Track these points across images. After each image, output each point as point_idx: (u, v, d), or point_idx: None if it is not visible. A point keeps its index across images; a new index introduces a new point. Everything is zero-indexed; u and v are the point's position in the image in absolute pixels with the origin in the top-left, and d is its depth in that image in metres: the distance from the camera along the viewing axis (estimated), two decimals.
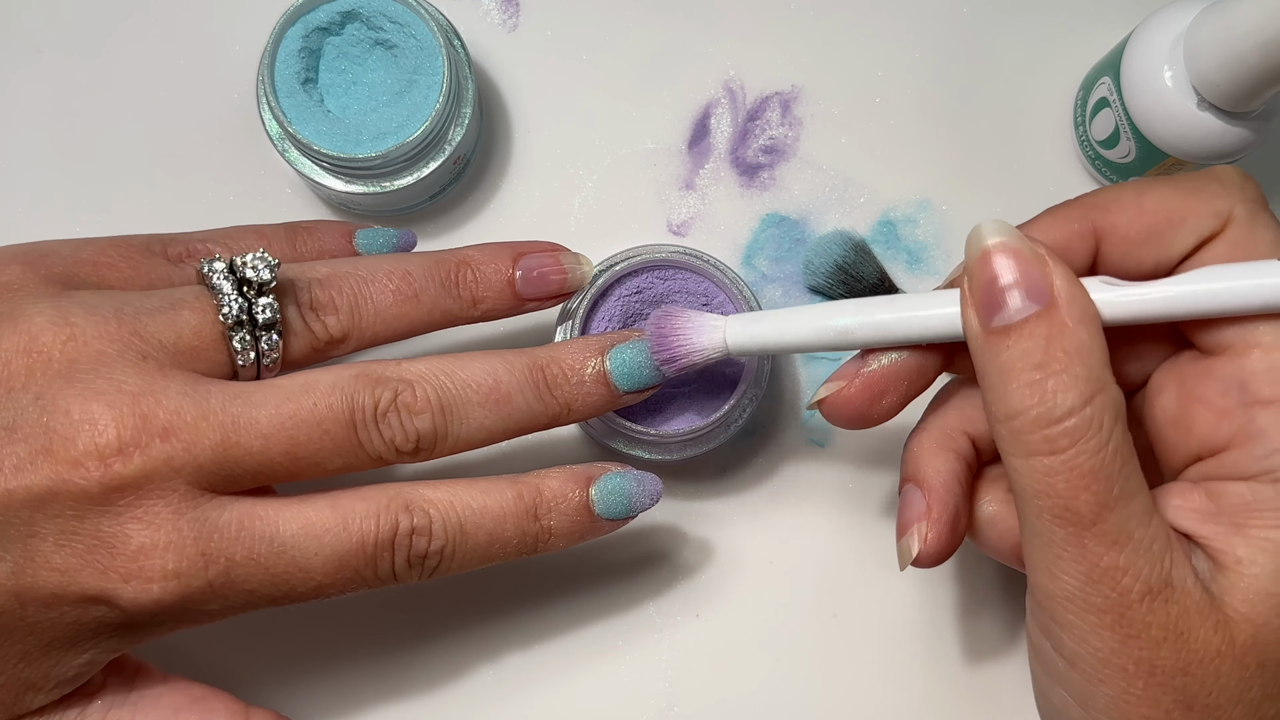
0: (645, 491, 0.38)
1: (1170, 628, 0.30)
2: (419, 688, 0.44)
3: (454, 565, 0.36)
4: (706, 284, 0.42)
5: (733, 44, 0.47)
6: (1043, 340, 0.30)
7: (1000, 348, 0.30)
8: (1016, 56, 0.47)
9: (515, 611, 0.45)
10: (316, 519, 0.34)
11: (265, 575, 0.33)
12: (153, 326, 0.33)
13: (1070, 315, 0.30)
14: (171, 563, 0.32)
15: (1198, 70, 0.40)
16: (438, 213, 0.46)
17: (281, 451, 0.33)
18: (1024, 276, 0.31)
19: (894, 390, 0.35)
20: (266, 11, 0.43)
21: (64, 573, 0.31)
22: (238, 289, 0.34)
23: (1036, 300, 0.30)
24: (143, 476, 0.32)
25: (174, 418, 0.32)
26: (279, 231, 0.39)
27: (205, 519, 0.32)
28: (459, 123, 0.43)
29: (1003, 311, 0.30)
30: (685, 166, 0.47)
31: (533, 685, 0.44)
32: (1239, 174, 0.33)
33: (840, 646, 0.45)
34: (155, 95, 0.46)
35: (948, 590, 0.45)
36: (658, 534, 0.45)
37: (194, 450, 0.32)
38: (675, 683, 0.45)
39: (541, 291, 0.38)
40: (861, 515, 0.45)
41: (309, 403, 0.33)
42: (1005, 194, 0.47)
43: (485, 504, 0.36)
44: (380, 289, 0.36)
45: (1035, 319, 0.30)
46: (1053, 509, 0.30)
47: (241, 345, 0.34)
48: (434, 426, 0.35)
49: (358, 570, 0.34)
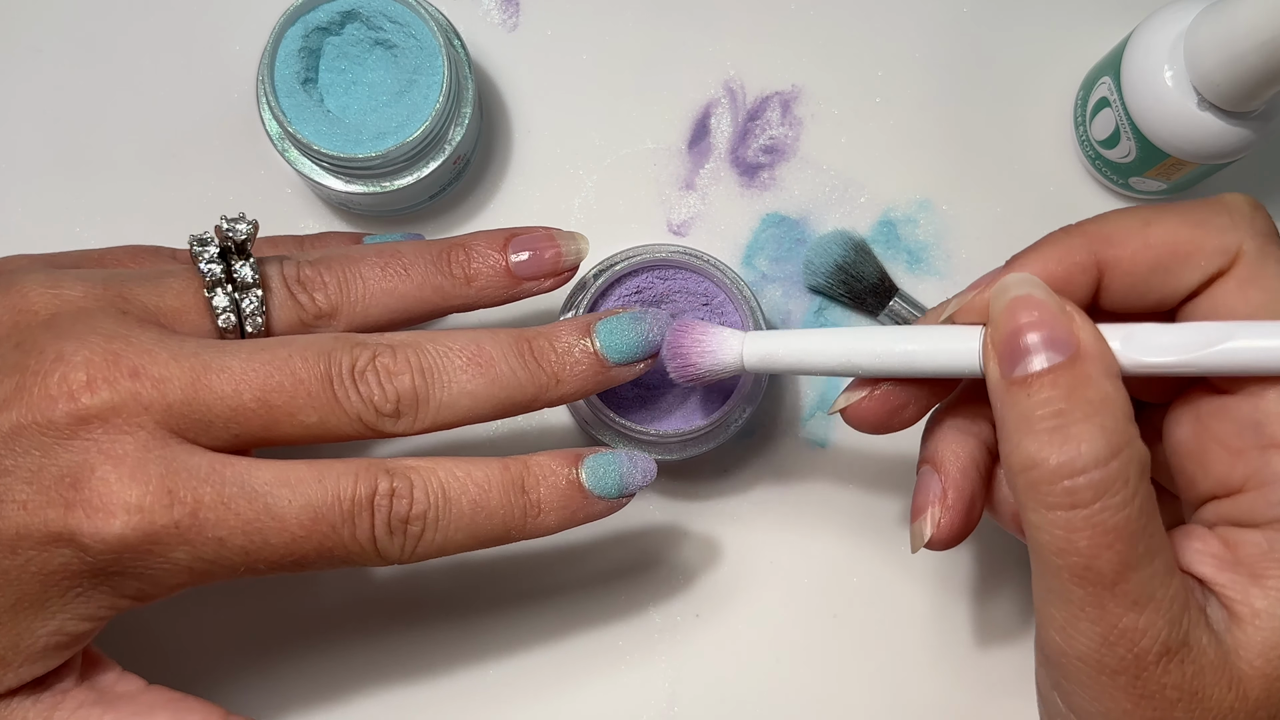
0: (637, 469, 0.37)
1: (1185, 688, 0.29)
2: (419, 687, 0.44)
3: (439, 535, 0.35)
4: (706, 284, 0.42)
5: (733, 44, 0.47)
6: (1065, 390, 0.29)
7: (1020, 396, 0.29)
8: (1016, 56, 0.47)
9: (515, 612, 0.45)
10: (292, 471, 0.33)
11: (236, 520, 0.32)
12: (138, 290, 0.34)
13: (1094, 368, 0.29)
14: (135, 495, 0.31)
15: (1198, 70, 0.40)
16: (438, 213, 0.46)
17: (254, 398, 0.33)
18: (1048, 328, 0.30)
19: (913, 402, 0.35)
20: (266, 11, 0.43)
21: (28, 508, 0.31)
22: (220, 255, 0.35)
23: (1060, 352, 0.29)
24: (109, 409, 0.32)
25: (144, 357, 0.32)
26: (288, 242, 0.40)
27: (174, 458, 0.32)
28: (459, 123, 0.43)
29: (1025, 361, 0.30)
30: (685, 166, 0.47)
31: (533, 686, 0.44)
32: (1249, 205, 0.32)
33: (840, 646, 0.45)
34: (155, 95, 0.46)
35: (948, 590, 0.45)
36: (658, 534, 0.45)
37: (163, 388, 0.32)
38: (675, 683, 0.45)
39: (536, 270, 0.38)
40: (862, 515, 0.45)
41: (284, 354, 0.33)
42: (1005, 194, 0.47)
43: (469, 470, 0.35)
44: (369, 265, 0.36)
45: (1059, 369, 0.29)
46: (1073, 568, 0.29)
47: (221, 306, 0.34)
48: (414, 386, 0.34)
49: (334, 527, 0.33)
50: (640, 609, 0.45)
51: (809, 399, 0.46)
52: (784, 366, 0.36)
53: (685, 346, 0.36)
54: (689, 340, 0.36)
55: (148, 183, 0.46)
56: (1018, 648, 0.45)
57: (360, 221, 0.46)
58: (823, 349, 0.35)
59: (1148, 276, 0.32)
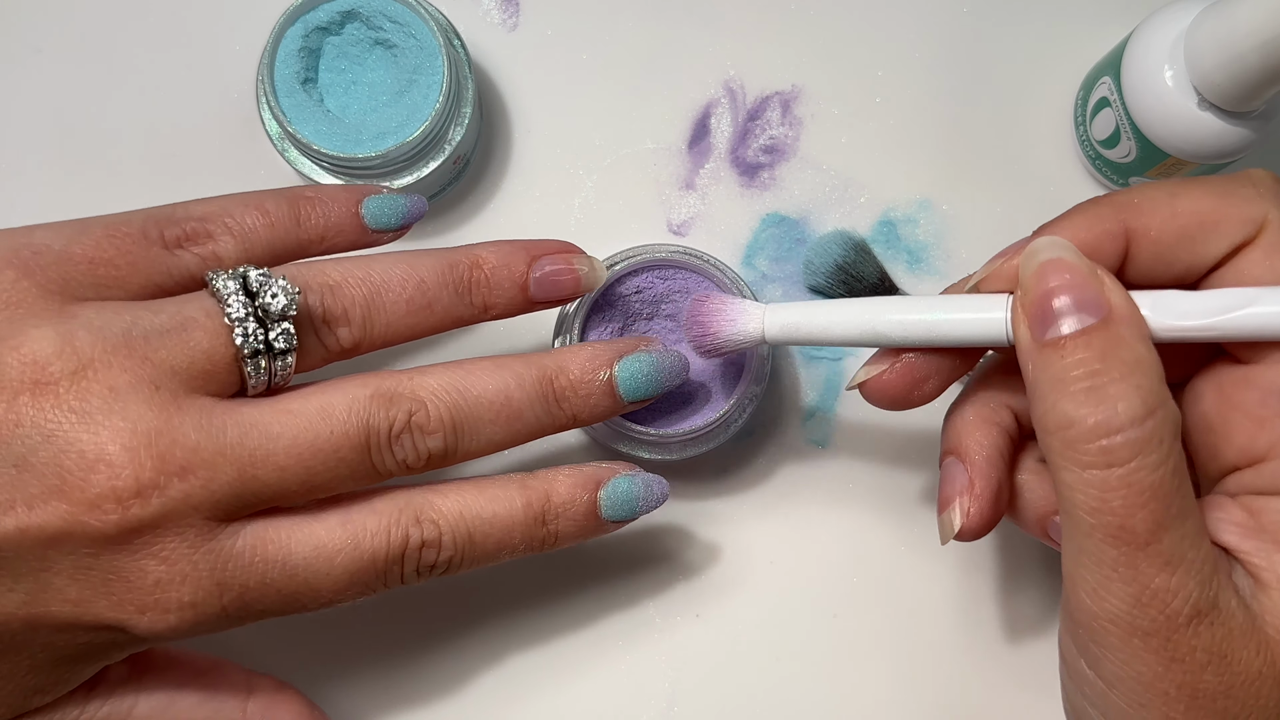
0: (651, 495, 0.38)
1: (1214, 651, 0.29)
2: (418, 688, 0.44)
3: (461, 570, 0.36)
4: (707, 284, 0.42)
5: (733, 44, 0.47)
6: (1100, 350, 0.29)
7: (1054, 358, 0.30)
8: (1016, 56, 0.47)
9: (514, 612, 0.45)
10: (328, 539, 0.34)
11: (277, 597, 0.33)
12: (164, 351, 0.32)
13: (1127, 330, 0.30)
14: (188, 594, 0.32)
15: (1198, 70, 0.40)
16: (438, 213, 0.46)
17: (298, 480, 0.33)
18: (1080, 291, 0.30)
19: (935, 375, 0.35)
20: (266, 11, 0.43)
21: (78, 604, 0.32)
22: (254, 316, 0.33)
23: (1093, 314, 0.30)
24: (161, 517, 0.31)
25: (191, 456, 0.32)
26: (281, 204, 0.37)
27: (220, 550, 0.32)
28: (459, 123, 0.43)
29: (1057, 323, 0.30)
30: (685, 166, 0.47)
31: (532, 686, 0.44)
32: (1273, 178, 0.32)
33: (841, 647, 0.45)
34: (155, 95, 0.46)
35: (948, 590, 0.45)
36: (658, 534, 0.45)
37: (211, 487, 0.32)
38: (675, 683, 0.45)
39: (553, 295, 0.38)
40: (862, 515, 0.45)
41: (326, 430, 0.33)
42: (1005, 194, 0.47)
43: (495, 513, 0.36)
44: (394, 299, 0.35)
45: (1092, 331, 0.29)
46: (1107, 527, 0.29)
47: (255, 371, 0.33)
48: (445, 445, 0.35)
49: (367, 584, 0.35)
50: (640, 609, 0.45)
51: (809, 399, 0.46)
52: (806, 337, 0.35)
53: (706, 316, 0.37)
54: (710, 311, 0.37)
55: (148, 182, 0.46)
56: (1019, 646, 0.45)
57: None
58: (846, 318, 0.34)
59: (1174, 246, 0.32)
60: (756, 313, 0.36)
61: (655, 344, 0.38)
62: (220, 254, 0.36)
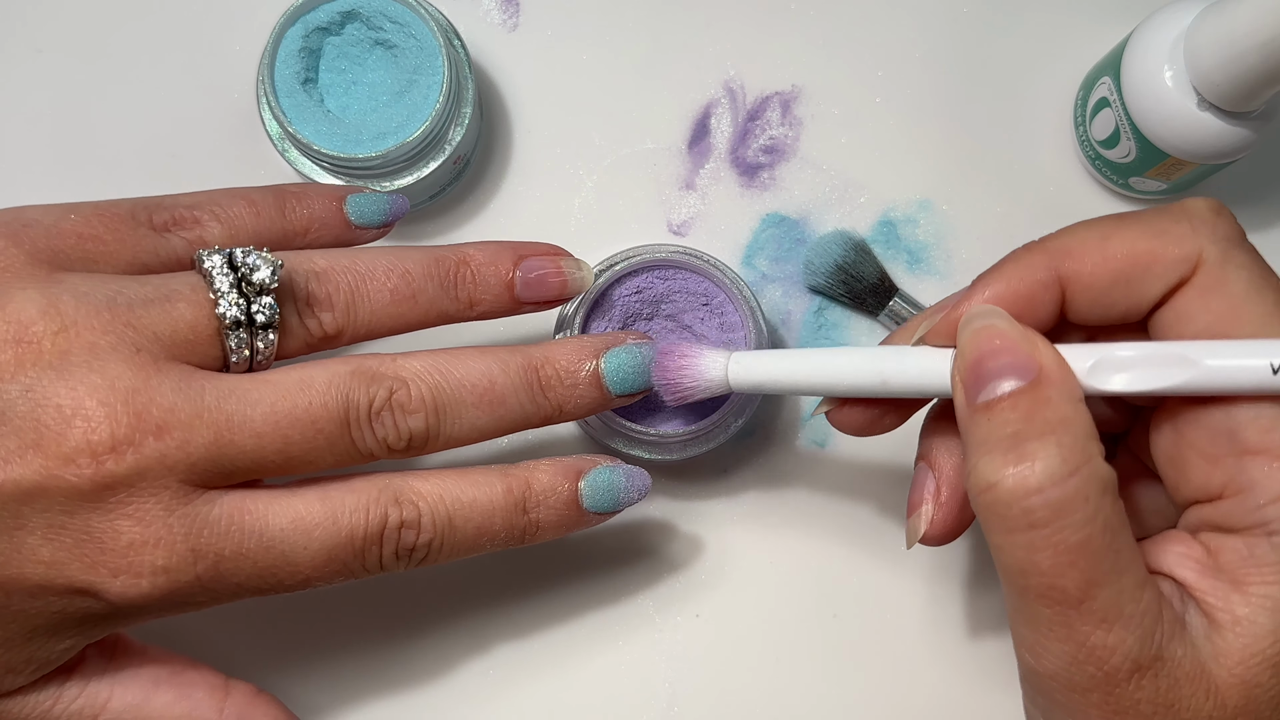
0: (633, 486, 0.38)
1: (1160, 701, 0.29)
2: (417, 684, 0.44)
3: (441, 556, 0.36)
4: (706, 284, 0.42)
5: (733, 44, 0.47)
6: (1024, 412, 0.29)
7: (981, 421, 0.30)
8: (1016, 56, 0.47)
9: (513, 613, 0.45)
10: (306, 513, 0.34)
11: (253, 569, 0.33)
12: (147, 318, 0.32)
13: (1055, 390, 0.29)
14: (161, 558, 0.32)
15: (1198, 70, 0.40)
16: (438, 213, 0.46)
17: (275, 450, 0.33)
18: (1010, 354, 0.30)
19: (891, 412, 0.35)
20: (266, 11, 0.43)
21: (51, 565, 0.31)
22: (237, 288, 0.33)
23: (1022, 376, 0.29)
24: (135, 474, 0.31)
25: (168, 415, 0.32)
26: (267, 197, 0.38)
27: (195, 515, 0.32)
28: (459, 123, 0.43)
29: (988, 388, 0.30)
30: (685, 166, 0.47)
31: (531, 685, 0.44)
32: (1211, 209, 0.32)
33: (841, 647, 0.45)
34: (155, 95, 0.46)
35: (948, 590, 0.45)
36: (658, 534, 0.45)
37: (188, 448, 0.32)
38: (675, 683, 0.45)
39: (539, 296, 0.38)
40: (861, 515, 0.45)
41: (304, 401, 0.33)
42: (1005, 194, 0.47)
43: (475, 497, 0.36)
44: (378, 287, 0.36)
45: (1020, 393, 0.29)
46: (1037, 588, 0.29)
47: (237, 344, 0.34)
48: (427, 426, 0.35)
49: (345, 563, 0.34)
50: (640, 610, 0.45)
51: (808, 400, 0.46)
52: (767, 387, 0.36)
53: (671, 372, 0.37)
54: (674, 365, 0.37)
55: (148, 183, 0.46)
56: None
57: None
58: (801, 372, 0.35)
59: (1109, 290, 0.32)
60: (720, 363, 0.36)
61: (645, 339, 0.38)
62: (207, 239, 0.36)
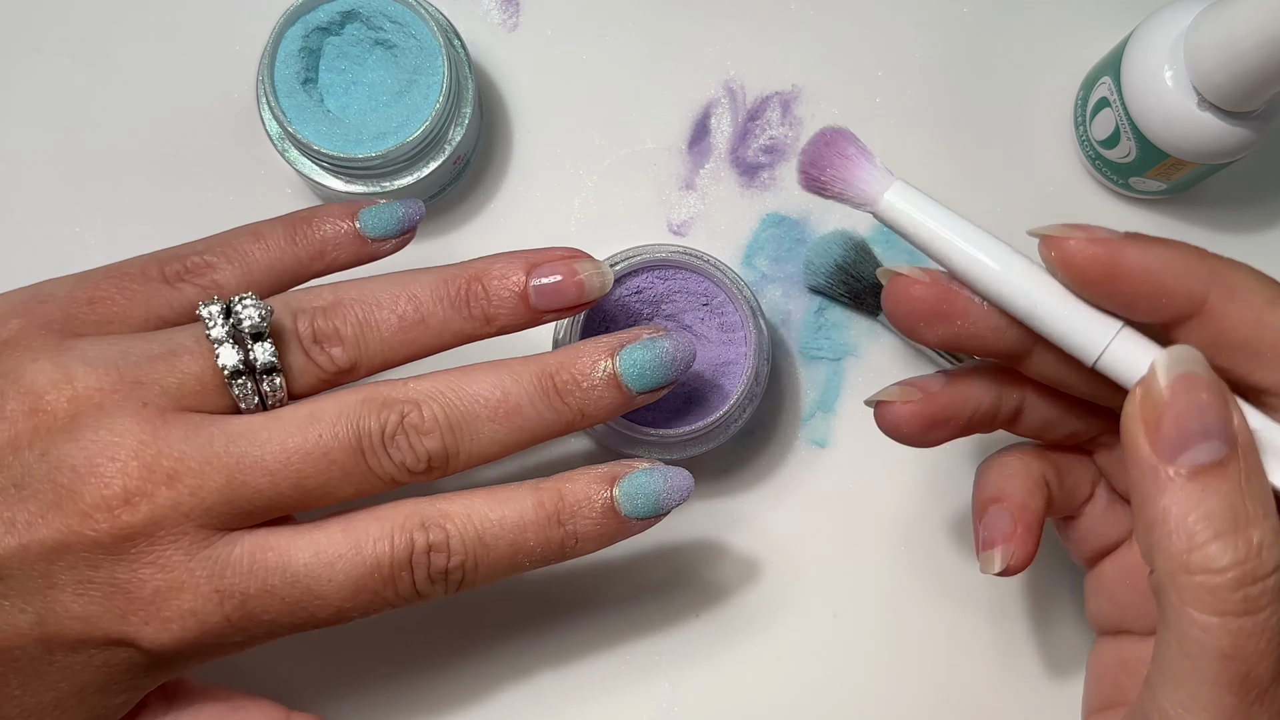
0: (674, 488, 0.36)
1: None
2: (415, 682, 0.44)
3: (479, 578, 0.35)
4: (706, 284, 0.42)
5: (733, 44, 0.47)
6: (1237, 485, 0.28)
7: (1193, 491, 0.28)
8: (1016, 56, 0.47)
9: (513, 611, 0.45)
10: (328, 545, 0.33)
11: (281, 605, 0.33)
12: (154, 373, 0.33)
13: (1253, 462, 0.29)
14: (187, 602, 0.32)
15: (1198, 70, 0.40)
16: (438, 213, 0.46)
17: (290, 486, 0.33)
18: (1215, 415, 0.29)
19: (956, 420, 0.35)
20: (266, 11, 0.43)
21: (85, 620, 0.32)
22: (233, 336, 0.33)
23: (1225, 443, 0.28)
24: (151, 523, 0.32)
25: (178, 463, 0.32)
26: (275, 228, 0.37)
27: (217, 557, 0.33)
28: (459, 123, 0.43)
29: (1193, 450, 0.28)
30: (685, 166, 0.47)
31: (532, 685, 0.44)
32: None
33: (841, 647, 0.45)
34: (155, 95, 0.46)
35: (948, 588, 0.45)
36: (657, 534, 0.45)
37: (201, 493, 0.32)
38: (675, 684, 0.45)
39: (557, 303, 0.36)
40: (861, 515, 0.45)
41: (314, 434, 0.33)
42: (1005, 194, 0.47)
43: (504, 514, 0.35)
44: (386, 316, 0.35)
45: (1228, 463, 0.28)
46: (1233, 674, 0.28)
47: (242, 391, 0.33)
48: (444, 445, 0.34)
49: (377, 592, 0.34)
50: (640, 609, 0.45)
51: (809, 399, 0.46)
52: (909, 233, 0.32)
53: (826, 160, 0.33)
54: (833, 155, 0.33)
55: (147, 182, 0.46)
56: (1016, 650, 0.45)
57: None
58: (956, 242, 0.32)
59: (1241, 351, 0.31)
60: (881, 182, 0.33)
61: (660, 331, 0.37)
62: (221, 283, 0.36)
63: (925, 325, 0.33)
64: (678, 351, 0.36)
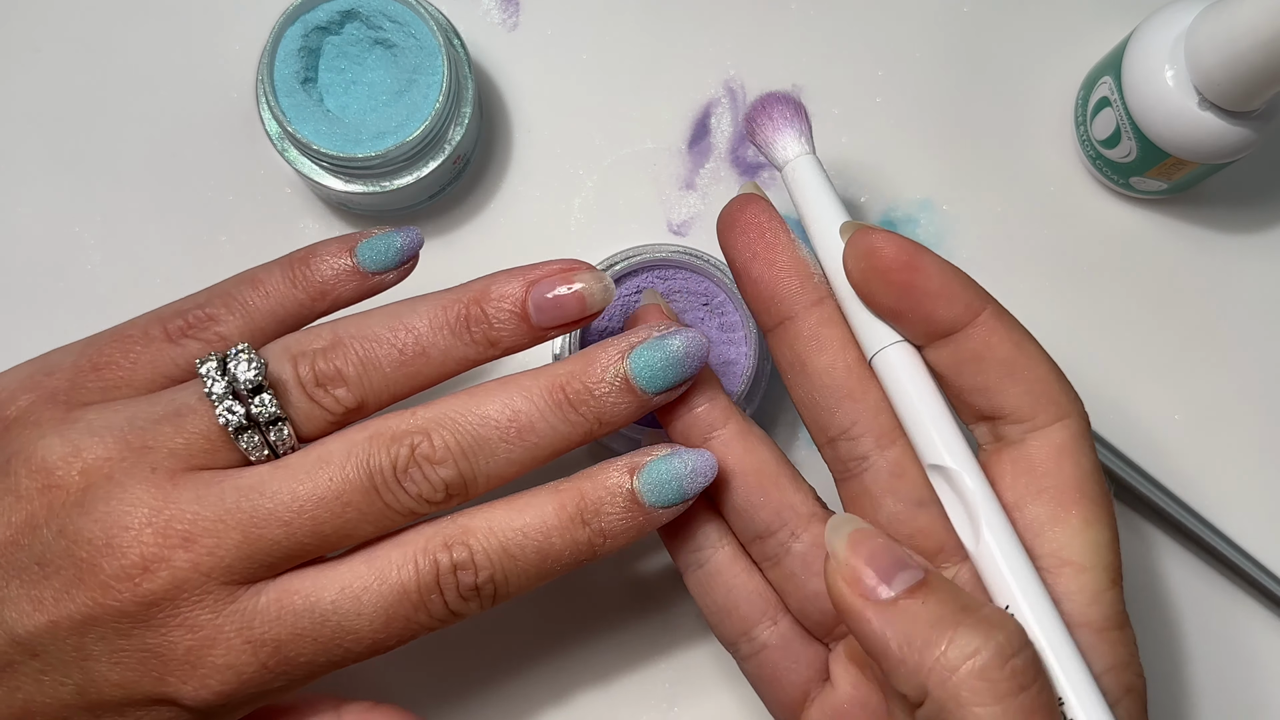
0: (697, 470, 0.35)
1: None
2: (414, 681, 0.44)
3: (511, 588, 0.34)
4: (706, 284, 0.42)
5: (733, 44, 0.47)
6: (949, 587, 0.31)
7: (913, 606, 0.30)
8: (1016, 56, 0.47)
9: (512, 611, 0.45)
10: (352, 579, 0.33)
11: (315, 646, 0.33)
12: (160, 437, 0.33)
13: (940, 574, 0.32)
14: (221, 657, 0.33)
15: (1199, 69, 0.40)
16: (438, 213, 0.46)
17: (307, 533, 0.33)
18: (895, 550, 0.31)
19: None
20: (266, 11, 0.43)
21: (124, 686, 0.33)
22: (232, 392, 0.33)
23: (916, 566, 0.31)
24: (173, 587, 0.32)
25: (192, 525, 0.32)
26: (273, 272, 0.37)
27: (244, 609, 0.33)
28: (459, 122, 0.43)
29: (896, 581, 0.31)
30: (685, 166, 0.47)
31: (531, 685, 0.44)
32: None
33: None
34: (155, 95, 0.46)
35: None
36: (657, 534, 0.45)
37: (218, 552, 0.32)
38: (675, 684, 0.45)
39: (558, 319, 0.35)
40: None
41: (324, 479, 0.33)
42: (1005, 194, 0.47)
43: (526, 522, 0.34)
44: (387, 351, 0.34)
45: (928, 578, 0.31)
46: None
47: (250, 445, 0.33)
48: (459, 472, 0.34)
49: (409, 618, 0.34)
50: (640, 610, 0.45)
51: None
52: (798, 200, 0.36)
53: (764, 119, 0.37)
54: (769, 116, 0.37)
55: (147, 182, 0.46)
56: None
57: (360, 221, 0.46)
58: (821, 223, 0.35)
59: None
60: (797, 150, 0.37)
61: (669, 326, 0.36)
62: (225, 334, 0.36)
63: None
64: (689, 348, 0.35)
